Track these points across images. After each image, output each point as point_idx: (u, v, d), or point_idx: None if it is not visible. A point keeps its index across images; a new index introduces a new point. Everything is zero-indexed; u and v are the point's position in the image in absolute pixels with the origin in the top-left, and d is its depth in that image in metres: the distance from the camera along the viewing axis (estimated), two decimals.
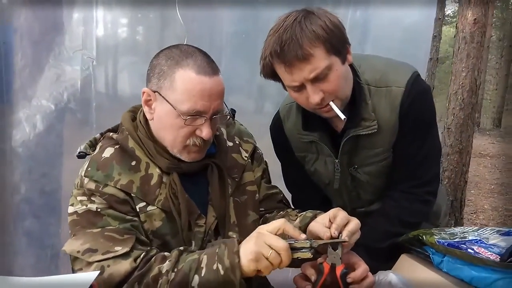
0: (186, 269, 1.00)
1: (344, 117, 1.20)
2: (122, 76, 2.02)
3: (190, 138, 1.12)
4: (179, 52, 1.12)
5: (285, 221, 1.01)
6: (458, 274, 1.07)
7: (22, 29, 1.83)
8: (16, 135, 1.76)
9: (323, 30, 1.14)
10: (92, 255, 1.03)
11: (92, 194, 1.09)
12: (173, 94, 1.09)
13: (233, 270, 0.97)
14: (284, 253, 0.96)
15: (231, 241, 1.02)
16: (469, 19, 2.88)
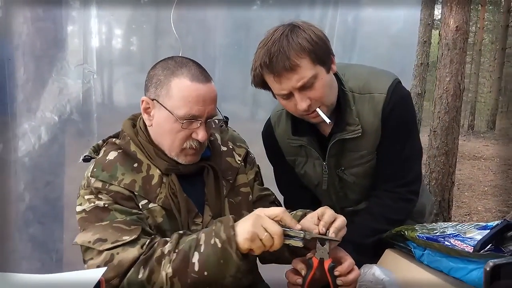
0: (186, 248, 1.08)
1: (329, 121, 1.29)
2: (120, 87, 2.12)
3: (187, 141, 1.21)
4: (174, 63, 1.21)
5: (284, 210, 1.09)
6: (437, 266, 1.15)
7: (24, 46, 1.92)
8: (22, 146, 1.84)
9: (308, 42, 1.23)
10: (102, 244, 1.10)
11: (99, 192, 1.17)
12: (170, 101, 1.18)
13: (229, 242, 1.05)
14: (277, 238, 1.04)
15: (226, 218, 1.10)
16: (451, 26, 3.00)
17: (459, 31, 3.02)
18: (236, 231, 1.06)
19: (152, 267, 1.08)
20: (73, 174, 1.88)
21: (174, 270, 1.07)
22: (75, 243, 1.16)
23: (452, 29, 3.01)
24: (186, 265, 1.07)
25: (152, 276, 1.08)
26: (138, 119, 1.32)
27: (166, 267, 1.08)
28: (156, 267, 1.08)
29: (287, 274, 1.20)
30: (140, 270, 1.08)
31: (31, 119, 1.84)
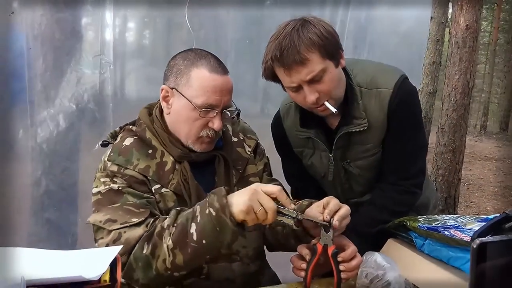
0: (184, 220, 1.15)
1: (335, 110, 1.34)
2: (133, 79, 2.18)
3: (203, 129, 1.27)
4: (194, 54, 1.28)
5: (281, 189, 1.14)
6: (437, 255, 1.19)
7: (43, 36, 1.99)
8: (40, 133, 1.92)
9: (318, 37, 1.27)
10: (112, 224, 1.18)
11: (114, 176, 1.24)
12: (189, 90, 1.25)
13: (223, 210, 1.10)
14: (271, 213, 1.10)
15: (219, 189, 1.16)
16: (461, 25, 3.01)
17: (469, 29, 3.03)
18: (229, 200, 1.11)
19: (155, 241, 1.15)
20: (88, 161, 1.95)
21: (174, 242, 1.13)
22: (88, 222, 1.23)
23: (462, 27, 3.02)
24: (185, 236, 1.13)
25: (155, 250, 1.14)
26: (154, 108, 1.38)
27: (167, 239, 1.14)
28: (158, 241, 1.15)
29: (292, 259, 1.26)
30: (144, 245, 1.15)
31: (50, 107, 1.92)
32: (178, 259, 1.13)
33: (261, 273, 1.44)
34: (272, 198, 1.12)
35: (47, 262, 0.97)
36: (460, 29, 2.99)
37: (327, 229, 1.18)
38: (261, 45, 1.49)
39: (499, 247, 0.67)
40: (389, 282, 1.11)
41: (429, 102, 5.95)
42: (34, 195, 1.99)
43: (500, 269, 0.66)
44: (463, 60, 3.06)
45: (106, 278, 0.92)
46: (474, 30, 3.01)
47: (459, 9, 2.97)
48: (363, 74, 1.44)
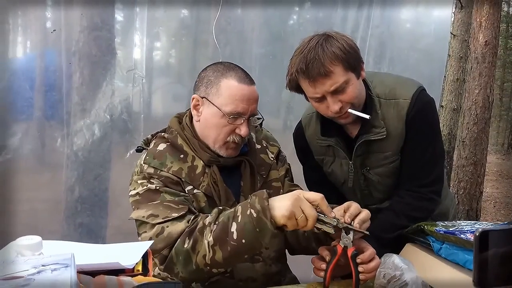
0: (225, 219, 1.21)
1: (367, 116, 1.40)
2: (162, 92, 2.31)
3: (230, 135, 1.36)
4: (223, 66, 1.38)
5: (323, 197, 1.19)
6: (454, 258, 1.22)
7: (81, 52, 2.15)
8: (76, 141, 2.05)
9: (341, 51, 1.33)
10: (155, 219, 1.25)
11: (151, 177, 1.32)
12: (219, 99, 1.34)
13: (264, 212, 1.15)
14: (311, 221, 1.15)
15: (261, 192, 1.21)
16: (480, 41, 3.06)
17: (488, 45, 3.07)
18: (270, 203, 1.16)
19: (196, 237, 1.21)
20: (119, 168, 2.07)
21: (215, 239, 1.19)
22: (131, 218, 1.31)
23: (481, 43, 3.07)
24: (226, 234, 1.18)
25: (196, 245, 1.20)
26: (184, 117, 1.48)
27: (208, 236, 1.20)
28: (199, 237, 1.21)
29: (313, 260, 1.31)
30: (185, 240, 1.21)
31: (86, 118, 2.05)
32: (217, 255, 1.19)
33: (282, 274, 1.50)
34: (313, 206, 1.17)
35: (87, 253, 1.06)
36: (479, 45, 3.04)
37: (348, 231, 1.23)
38: (284, 60, 1.58)
39: (500, 236, 0.71)
40: (407, 283, 1.15)
41: (453, 118, 5.89)
42: (68, 200, 2.11)
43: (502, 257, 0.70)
44: (482, 75, 3.10)
45: (139, 268, 1.00)
46: (493, 46, 3.06)
47: (478, 26, 3.02)
48: (382, 86, 1.51)
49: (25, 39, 2.14)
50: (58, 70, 2.11)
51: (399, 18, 2.67)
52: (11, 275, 0.70)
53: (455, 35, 5.72)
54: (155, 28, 2.26)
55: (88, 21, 2.15)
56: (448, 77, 5.94)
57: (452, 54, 5.80)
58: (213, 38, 2.28)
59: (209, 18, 2.31)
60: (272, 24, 2.50)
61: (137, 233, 1.32)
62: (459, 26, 5.87)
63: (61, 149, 2.09)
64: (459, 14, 5.71)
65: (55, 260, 0.76)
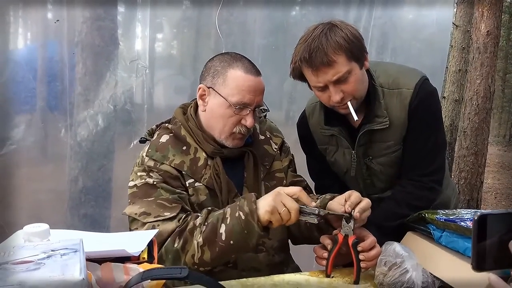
0: (215, 220, 1.24)
1: (356, 118, 1.41)
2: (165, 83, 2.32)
3: (236, 126, 1.37)
4: (230, 57, 1.38)
5: (301, 189, 1.23)
6: (454, 246, 1.23)
7: (84, 42, 2.15)
8: (80, 132, 2.07)
9: (345, 40, 1.33)
10: (146, 217, 1.27)
11: (151, 170, 1.34)
12: (226, 89, 1.35)
13: (252, 215, 1.19)
14: (294, 213, 1.18)
15: (249, 194, 1.25)
16: (482, 31, 3.06)
17: (490, 35, 3.07)
18: (257, 205, 1.20)
19: (186, 237, 1.24)
20: (123, 159, 2.09)
21: (204, 240, 1.22)
22: (124, 213, 1.33)
23: (483, 33, 3.07)
24: (215, 235, 1.22)
25: (185, 245, 1.23)
26: (189, 107, 1.48)
27: (198, 237, 1.23)
28: (189, 237, 1.24)
29: (315, 249, 1.33)
30: (175, 240, 1.24)
31: (90, 108, 2.06)
32: (206, 255, 1.22)
33: (285, 264, 1.52)
34: (294, 199, 1.20)
35: (93, 241, 1.08)
36: (481, 35, 3.04)
37: (348, 220, 1.25)
38: (286, 51, 1.59)
39: (498, 220, 0.73)
40: (407, 270, 1.17)
41: (455, 109, 5.89)
42: (72, 191, 2.14)
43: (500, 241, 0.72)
44: (484, 65, 3.11)
45: (144, 255, 1.03)
46: (495, 36, 3.06)
47: (480, 16, 3.02)
48: (386, 75, 1.51)
49: (28, 30, 2.15)
50: (61, 60, 2.12)
51: (401, 9, 2.66)
52: (21, 259, 0.72)
53: (458, 26, 5.70)
54: (158, 19, 2.26)
55: (91, 12, 2.15)
56: (450, 68, 5.93)
57: (455, 44, 5.79)
58: (215, 29, 2.29)
59: (212, 9, 2.31)
60: (274, 15, 2.49)
61: (129, 228, 1.34)
62: (462, 17, 5.85)
63: (64, 139, 2.10)
64: (461, 4, 5.69)
65: (64, 245, 0.78)
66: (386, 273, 1.19)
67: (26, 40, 2.16)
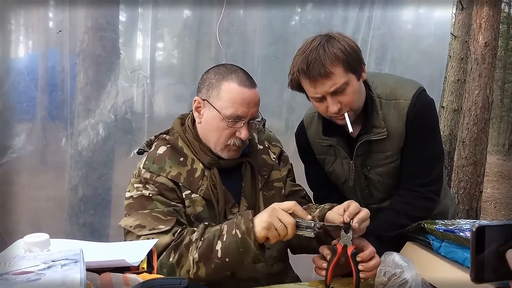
0: (211, 237, 1.23)
1: (351, 130, 1.42)
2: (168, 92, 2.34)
3: (231, 138, 1.37)
4: (225, 69, 1.39)
5: (295, 203, 1.23)
6: (453, 256, 1.24)
7: (85, 52, 2.17)
8: (81, 141, 2.08)
9: (342, 52, 1.35)
10: (141, 230, 1.27)
11: (147, 182, 1.34)
12: (219, 102, 1.35)
13: (248, 233, 1.19)
14: (290, 228, 1.18)
15: (247, 212, 1.25)
16: (480, 42, 3.09)
17: (488, 46, 3.11)
18: (254, 223, 1.20)
19: (181, 252, 1.23)
20: (123, 167, 2.10)
21: (200, 256, 1.22)
22: (119, 226, 1.33)
23: (481, 44, 3.11)
24: (210, 251, 1.21)
25: (181, 260, 1.23)
26: (187, 118, 1.49)
27: (193, 252, 1.22)
28: (185, 252, 1.23)
29: (314, 259, 1.33)
30: (171, 254, 1.24)
31: (91, 117, 2.07)
32: (201, 271, 1.22)
33: (284, 274, 1.52)
34: (290, 213, 1.20)
35: (93, 251, 1.08)
36: (479, 46, 3.08)
37: (347, 230, 1.25)
38: (286, 61, 1.60)
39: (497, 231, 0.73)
40: (406, 280, 1.17)
41: (454, 119, 5.92)
42: (72, 200, 2.14)
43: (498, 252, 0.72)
44: (482, 75, 3.14)
45: (144, 265, 1.03)
46: (492, 47, 3.10)
47: (478, 27, 3.06)
48: (383, 86, 1.52)
49: (29, 39, 2.17)
50: (62, 70, 2.14)
51: (400, 20, 2.69)
52: (22, 270, 0.73)
53: (456, 36, 5.75)
54: (159, 29, 2.29)
55: (93, 22, 2.17)
56: (449, 78, 5.97)
57: (453, 55, 5.83)
58: (216, 39, 2.30)
59: (212, 19, 2.33)
60: (274, 26, 2.52)
61: (124, 240, 1.33)
62: (460, 27, 5.90)
63: (65, 148, 2.11)
64: (460, 15, 5.75)
65: (64, 255, 0.78)
66: (385, 283, 1.19)
67: (27, 49, 2.18)
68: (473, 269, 0.72)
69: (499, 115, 19.46)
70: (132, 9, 2.21)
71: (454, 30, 5.94)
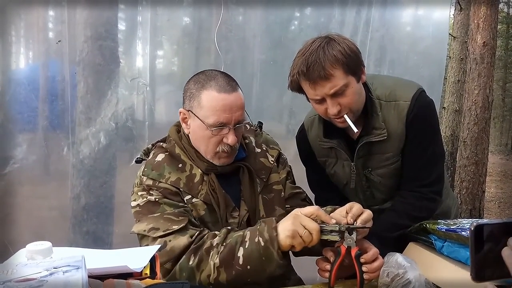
0: (233, 243, 1.23)
1: (356, 130, 1.42)
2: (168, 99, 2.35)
3: (219, 145, 1.36)
4: (204, 76, 1.37)
5: (318, 208, 1.22)
6: (456, 256, 1.23)
7: (85, 61, 2.19)
8: (83, 149, 2.09)
9: (342, 54, 1.35)
10: (156, 232, 1.27)
11: (150, 189, 1.34)
12: (202, 111, 1.34)
13: (271, 242, 1.18)
14: (315, 233, 1.18)
15: (270, 219, 1.24)
16: (478, 42, 3.10)
17: (486, 46, 3.12)
18: (278, 231, 1.19)
19: (202, 256, 1.23)
20: (125, 175, 2.10)
21: (221, 261, 1.21)
22: (133, 232, 1.32)
23: (480, 44, 3.11)
24: (232, 257, 1.21)
25: (201, 264, 1.22)
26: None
27: (214, 257, 1.22)
28: (205, 256, 1.23)
29: (318, 261, 1.33)
30: (191, 257, 1.23)
31: (92, 126, 2.09)
32: (221, 277, 1.21)
33: (287, 277, 1.51)
34: (313, 219, 1.20)
35: (96, 258, 1.08)
36: (478, 46, 3.09)
37: (351, 232, 1.25)
38: (285, 66, 1.60)
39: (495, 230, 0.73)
40: (410, 281, 1.17)
41: (455, 120, 5.92)
42: (75, 208, 2.14)
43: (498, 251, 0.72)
44: (481, 75, 3.14)
45: (146, 271, 1.03)
46: (491, 47, 3.11)
47: (476, 27, 3.07)
48: (383, 88, 1.53)
49: (29, 50, 2.19)
50: (63, 79, 2.15)
51: (398, 21, 2.71)
52: (24, 277, 0.73)
53: (455, 37, 5.76)
54: (158, 37, 2.30)
55: (92, 31, 2.19)
56: (449, 78, 5.98)
57: (453, 55, 5.84)
58: (215, 45, 2.32)
59: (211, 26, 2.34)
60: (273, 31, 2.54)
61: (140, 245, 1.33)
62: (459, 28, 5.91)
63: (67, 157, 2.12)
64: (458, 16, 5.76)
65: (66, 262, 0.78)
66: (389, 284, 1.19)
67: (28, 60, 2.20)
68: (473, 268, 0.72)
69: (501, 114, 19.43)
70: (131, 17, 2.23)
71: (453, 31, 5.96)
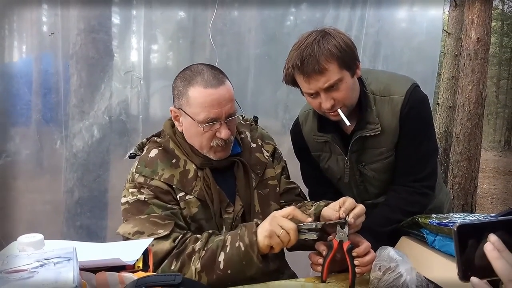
0: (214, 247, 1.23)
1: (349, 123, 1.42)
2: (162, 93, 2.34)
3: (212, 140, 1.35)
4: (190, 72, 1.36)
5: (294, 208, 1.24)
6: (447, 250, 1.25)
7: (78, 54, 2.17)
8: (76, 143, 2.08)
9: (337, 49, 1.35)
10: (140, 236, 1.26)
11: (141, 187, 1.33)
12: (191, 108, 1.33)
13: (251, 246, 1.20)
14: (292, 233, 1.19)
15: (250, 224, 1.25)
16: (472, 38, 3.12)
17: (480, 42, 3.13)
18: (257, 235, 1.21)
19: (184, 261, 1.23)
20: (119, 169, 2.10)
21: (202, 266, 1.22)
22: (118, 233, 1.32)
23: (474, 40, 3.13)
24: (213, 262, 1.22)
25: (183, 268, 1.23)
26: None
27: (196, 262, 1.23)
28: (187, 262, 1.23)
29: (310, 255, 1.34)
30: (173, 262, 1.24)
31: (85, 119, 2.07)
32: (203, 281, 1.22)
33: (281, 271, 1.51)
34: (290, 219, 1.21)
35: (88, 251, 1.08)
36: (472, 42, 3.10)
37: (343, 226, 1.26)
38: (279, 61, 1.60)
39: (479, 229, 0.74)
40: (401, 274, 1.18)
41: (449, 116, 5.94)
42: (68, 202, 2.14)
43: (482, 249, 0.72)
44: (475, 71, 3.16)
45: (139, 264, 1.03)
46: (485, 43, 3.13)
47: (470, 23, 3.09)
48: (377, 83, 1.53)
49: (23, 43, 2.17)
50: (56, 73, 2.14)
51: (392, 18, 2.71)
52: (15, 268, 0.73)
53: (450, 33, 5.78)
54: (152, 30, 2.29)
55: (85, 24, 2.17)
56: (443, 75, 6.00)
57: (447, 52, 5.86)
58: (209, 39, 2.31)
59: (206, 20, 2.33)
60: (267, 25, 2.53)
61: None
62: (454, 24, 5.93)
63: (60, 151, 2.11)
64: (453, 12, 5.77)
65: (57, 254, 0.78)
66: (380, 277, 1.20)
67: (21, 53, 2.18)
68: (460, 268, 0.73)
69: (494, 111, 19.55)
70: (125, 10, 2.22)
71: (448, 27, 5.97)
